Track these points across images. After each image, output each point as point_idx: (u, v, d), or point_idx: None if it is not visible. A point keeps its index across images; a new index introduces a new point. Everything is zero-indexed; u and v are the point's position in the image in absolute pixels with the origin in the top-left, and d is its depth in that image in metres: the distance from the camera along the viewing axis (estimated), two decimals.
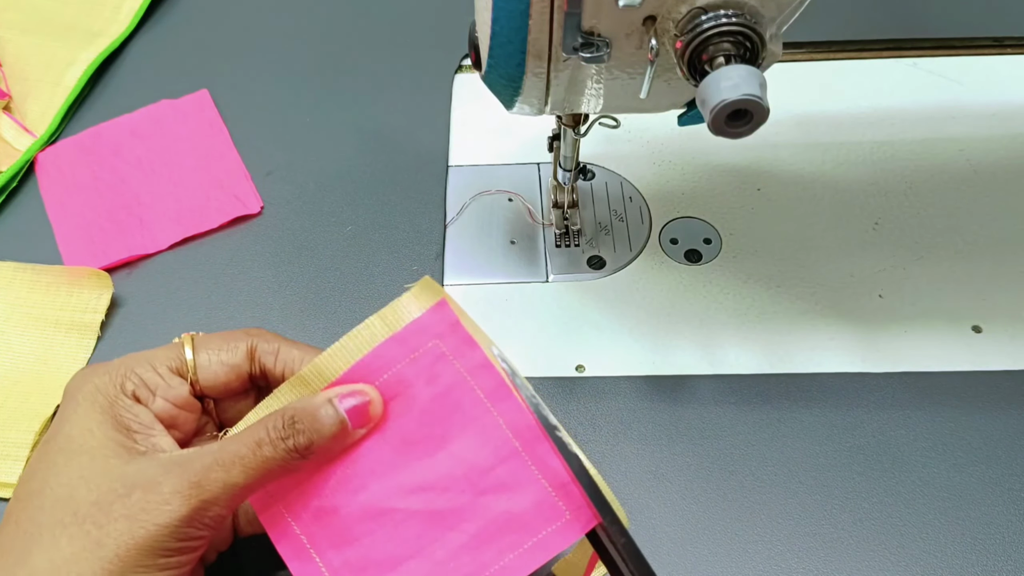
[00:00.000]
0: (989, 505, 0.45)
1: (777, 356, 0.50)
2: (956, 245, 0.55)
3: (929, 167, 0.59)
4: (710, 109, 0.34)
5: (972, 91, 0.63)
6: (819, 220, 0.56)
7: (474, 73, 0.50)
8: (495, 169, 0.59)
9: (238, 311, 0.53)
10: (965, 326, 0.51)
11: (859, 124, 0.61)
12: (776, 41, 0.38)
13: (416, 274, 0.54)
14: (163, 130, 0.61)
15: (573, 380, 0.50)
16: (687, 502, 0.45)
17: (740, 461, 0.47)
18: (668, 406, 0.48)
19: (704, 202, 0.57)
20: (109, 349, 0.51)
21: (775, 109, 0.36)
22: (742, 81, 0.34)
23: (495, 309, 0.52)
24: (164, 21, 0.69)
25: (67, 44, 0.65)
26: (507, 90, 0.42)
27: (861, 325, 0.51)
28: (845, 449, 0.47)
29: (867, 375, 0.49)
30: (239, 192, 0.58)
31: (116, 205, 0.57)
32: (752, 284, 0.53)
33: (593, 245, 0.55)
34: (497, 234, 0.56)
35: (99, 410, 0.37)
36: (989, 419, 0.48)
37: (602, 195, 0.57)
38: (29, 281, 0.53)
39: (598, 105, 0.43)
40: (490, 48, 0.40)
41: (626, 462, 0.46)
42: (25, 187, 0.59)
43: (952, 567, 0.43)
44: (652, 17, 0.37)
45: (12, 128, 0.60)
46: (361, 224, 0.56)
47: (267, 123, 0.62)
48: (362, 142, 0.61)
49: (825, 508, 0.45)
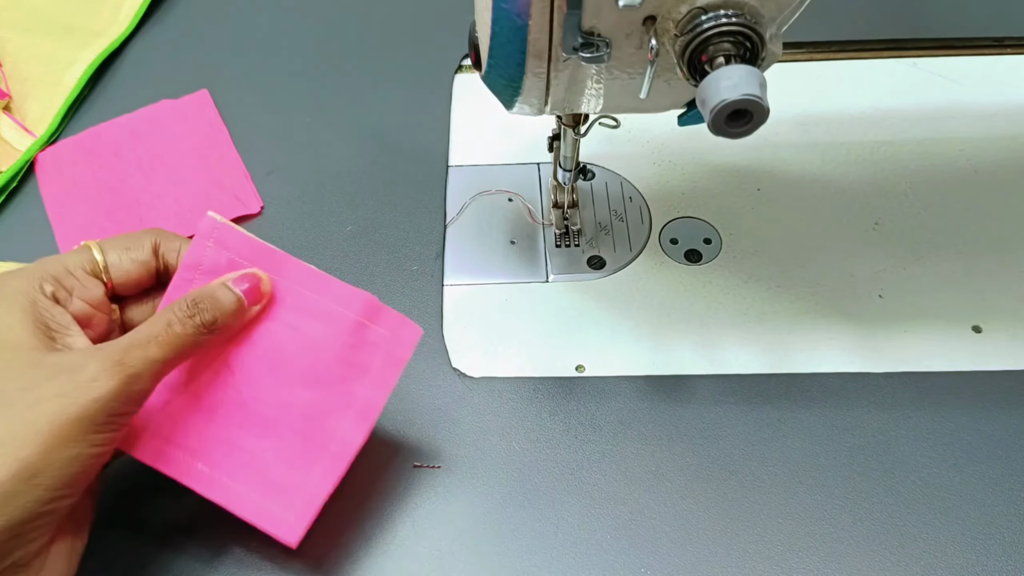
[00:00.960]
0: (989, 505, 0.45)
1: (777, 356, 0.50)
2: (956, 245, 0.55)
3: (929, 167, 0.59)
4: (710, 109, 0.34)
5: (972, 91, 0.63)
6: (819, 220, 0.56)
7: (474, 73, 0.50)
8: (495, 169, 0.59)
9: None
10: (965, 326, 0.51)
11: (859, 124, 0.61)
12: (776, 41, 0.38)
13: (416, 274, 0.54)
14: (163, 130, 0.61)
15: (573, 380, 0.50)
16: (687, 502, 0.45)
17: (740, 461, 0.47)
18: (668, 406, 0.48)
19: (704, 202, 0.57)
20: None
21: (775, 109, 0.36)
22: (742, 81, 0.34)
23: (495, 309, 0.52)
24: (164, 21, 0.69)
25: (67, 44, 0.65)
26: (507, 90, 0.42)
27: (861, 325, 0.51)
28: (845, 449, 0.47)
29: (867, 375, 0.49)
30: (239, 192, 0.58)
31: (116, 205, 0.57)
32: (752, 284, 0.53)
33: (593, 245, 0.55)
34: (497, 234, 0.56)
35: (19, 309, 0.38)
36: (989, 419, 0.48)
37: (602, 195, 0.57)
38: None
39: (598, 105, 0.43)
40: (490, 48, 0.40)
41: (626, 462, 0.46)
42: (25, 187, 0.59)
43: (952, 567, 0.43)
44: (652, 17, 0.37)
45: (12, 128, 0.60)
46: (361, 224, 0.56)
47: (267, 123, 0.62)
48: (362, 142, 0.61)
49: (825, 508, 0.45)
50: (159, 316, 0.39)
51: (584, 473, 0.46)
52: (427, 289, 0.53)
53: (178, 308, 0.40)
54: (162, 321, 0.39)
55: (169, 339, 0.38)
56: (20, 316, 0.38)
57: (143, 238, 0.43)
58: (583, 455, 0.47)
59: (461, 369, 0.50)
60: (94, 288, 0.41)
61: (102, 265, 0.41)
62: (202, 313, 0.40)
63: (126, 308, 0.43)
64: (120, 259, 0.42)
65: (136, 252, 0.42)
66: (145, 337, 0.38)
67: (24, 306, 0.38)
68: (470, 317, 0.52)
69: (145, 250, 0.42)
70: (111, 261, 0.42)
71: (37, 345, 0.37)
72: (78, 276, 0.41)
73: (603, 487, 0.46)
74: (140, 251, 0.42)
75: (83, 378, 0.36)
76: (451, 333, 0.51)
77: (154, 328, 0.39)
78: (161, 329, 0.39)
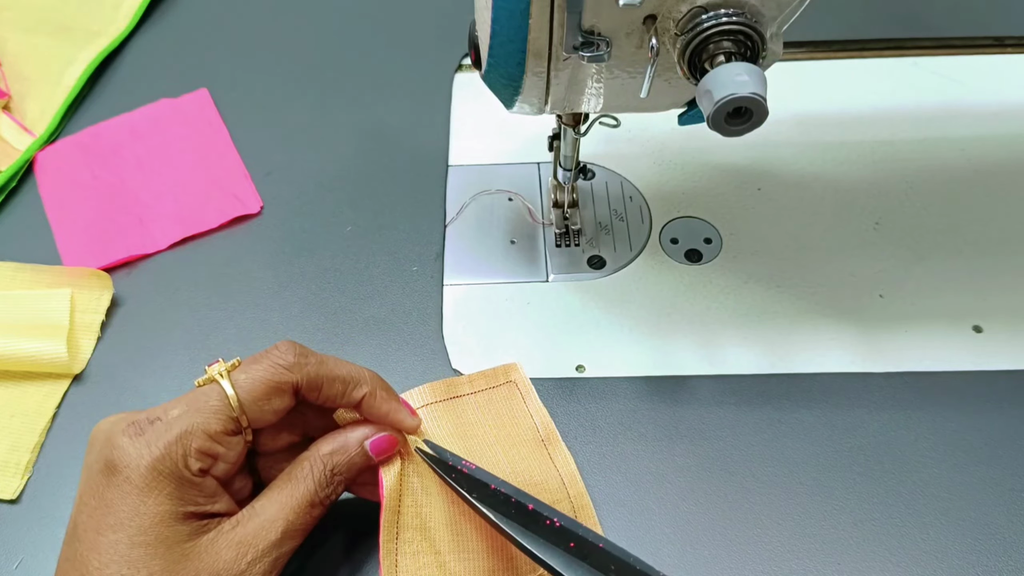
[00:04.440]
0: (989, 505, 0.45)
1: (777, 356, 0.50)
2: (956, 245, 0.55)
3: (929, 167, 0.59)
4: (713, 103, 0.34)
5: (973, 91, 0.63)
6: (819, 220, 0.56)
7: (474, 72, 0.50)
8: (495, 169, 0.59)
9: (238, 311, 0.52)
10: (966, 326, 0.51)
11: (859, 124, 0.61)
12: (777, 40, 0.38)
13: (416, 274, 0.54)
14: (163, 129, 0.61)
15: (573, 380, 0.49)
16: (687, 502, 0.45)
17: (740, 461, 0.46)
18: (668, 406, 0.48)
19: (704, 202, 0.57)
20: (109, 349, 0.51)
21: (775, 108, 0.36)
22: (749, 79, 0.34)
23: (495, 309, 0.52)
24: (164, 21, 0.69)
25: (66, 43, 0.65)
26: (507, 89, 0.42)
27: (861, 325, 0.51)
28: (845, 449, 0.47)
29: (867, 375, 0.49)
30: (239, 192, 0.58)
31: (116, 205, 0.57)
32: (752, 284, 0.53)
33: (593, 245, 0.55)
34: (497, 234, 0.56)
35: (167, 497, 0.36)
36: (990, 419, 0.48)
37: (602, 195, 0.57)
38: (29, 281, 0.53)
39: (598, 104, 0.43)
40: (490, 47, 0.40)
41: (626, 462, 0.46)
42: (24, 187, 0.59)
43: (952, 567, 0.43)
44: (652, 16, 0.37)
45: (11, 127, 0.60)
46: (361, 224, 0.56)
47: (267, 123, 0.62)
48: (362, 142, 0.61)
49: (825, 508, 0.45)
50: (297, 492, 0.39)
51: (584, 474, 0.46)
52: (427, 289, 0.53)
53: (316, 483, 0.39)
54: (303, 502, 0.38)
55: (300, 527, 0.38)
56: (169, 506, 0.36)
57: (282, 377, 0.39)
58: (583, 455, 0.46)
59: (461, 369, 0.50)
60: (236, 447, 0.39)
61: (235, 404, 0.38)
62: (336, 487, 0.40)
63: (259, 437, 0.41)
64: (262, 411, 0.39)
65: (279, 401, 0.39)
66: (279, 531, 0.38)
67: (171, 492, 0.36)
68: (470, 317, 0.52)
69: (286, 397, 0.39)
70: (251, 412, 0.38)
71: (184, 536, 0.36)
72: (220, 440, 0.38)
73: (603, 487, 0.45)
74: (282, 399, 0.39)
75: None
76: (451, 333, 0.51)
77: (289, 513, 0.38)
78: (297, 517, 0.38)
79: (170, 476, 0.36)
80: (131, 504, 0.35)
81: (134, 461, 0.36)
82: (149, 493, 0.36)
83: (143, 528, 0.35)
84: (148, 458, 0.36)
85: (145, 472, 0.36)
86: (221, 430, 0.37)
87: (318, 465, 0.39)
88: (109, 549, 0.35)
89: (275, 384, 0.38)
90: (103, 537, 0.35)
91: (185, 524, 0.36)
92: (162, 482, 0.36)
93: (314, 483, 0.39)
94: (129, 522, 0.35)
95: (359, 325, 0.52)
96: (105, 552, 0.35)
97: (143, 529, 0.35)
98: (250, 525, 0.37)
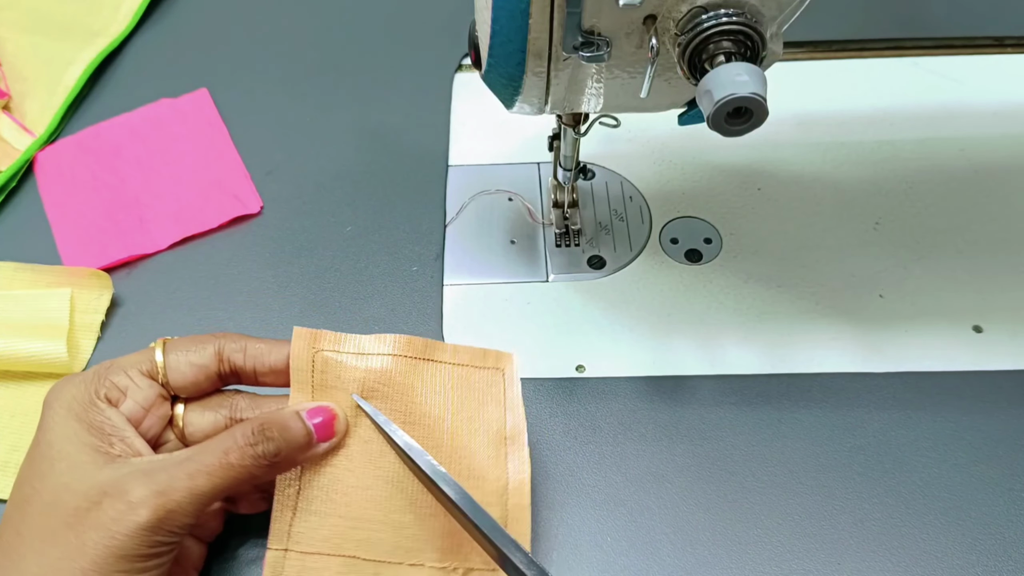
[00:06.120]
0: (989, 505, 0.45)
1: (777, 356, 0.50)
2: (956, 245, 0.55)
3: (929, 167, 0.59)
4: (713, 103, 0.34)
5: (973, 91, 0.63)
6: (819, 220, 0.56)
7: (474, 72, 0.50)
8: (495, 169, 0.59)
9: (238, 311, 0.52)
10: (966, 326, 0.51)
11: (859, 124, 0.61)
12: (777, 40, 0.38)
13: (416, 274, 0.54)
14: (163, 129, 0.61)
15: (573, 380, 0.49)
16: (687, 503, 0.45)
17: (740, 462, 0.46)
18: (668, 406, 0.48)
19: (704, 202, 0.57)
20: (109, 349, 0.51)
21: (775, 109, 0.36)
22: (749, 79, 0.34)
23: (495, 309, 0.52)
24: (164, 20, 0.69)
25: (66, 43, 0.65)
26: (507, 89, 0.42)
27: (861, 325, 0.51)
28: (846, 449, 0.47)
29: (868, 375, 0.49)
30: (239, 192, 0.58)
31: (116, 205, 0.57)
32: (752, 284, 0.53)
33: (593, 245, 0.55)
34: (497, 234, 0.56)
35: (75, 417, 0.38)
36: (990, 419, 0.48)
37: (602, 195, 0.57)
38: (29, 281, 0.53)
39: (598, 104, 0.43)
40: (490, 47, 0.40)
41: (626, 462, 0.46)
42: (24, 187, 0.59)
43: (952, 567, 0.43)
44: (652, 16, 0.37)
45: (11, 127, 0.60)
46: (361, 224, 0.56)
47: (267, 123, 0.62)
48: (362, 142, 0.61)
49: (825, 509, 0.45)
50: (221, 438, 0.38)
51: (584, 474, 0.46)
52: (427, 289, 0.53)
53: (241, 434, 0.38)
54: (219, 448, 0.38)
55: (221, 470, 0.37)
56: (76, 426, 0.38)
57: (207, 341, 0.42)
58: (583, 455, 0.47)
59: None
60: (147, 389, 0.40)
61: (160, 367, 0.41)
62: (266, 443, 0.38)
63: (188, 410, 0.42)
64: (179, 360, 0.41)
65: (195, 355, 0.41)
66: (196, 466, 0.37)
67: (79, 413, 0.38)
68: (470, 317, 0.52)
69: (206, 353, 0.41)
70: (170, 363, 0.41)
71: (93, 456, 0.37)
72: (132, 377, 0.40)
73: (603, 488, 0.46)
74: (200, 354, 0.41)
75: (123, 507, 0.36)
76: (451, 333, 0.51)
77: (207, 456, 0.37)
78: (215, 459, 0.37)
79: (80, 400, 0.39)
80: (45, 424, 0.39)
81: (56, 392, 0.40)
82: (59, 413, 0.39)
83: (51, 443, 0.38)
84: (67, 387, 0.40)
85: (64, 398, 0.39)
86: (136, 368, 0.41)
87: (244, 425, 0.39)
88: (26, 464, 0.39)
89: (196, 337, 0.42)
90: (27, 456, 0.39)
91: (93, 442, 0.38)
92: (73, 406, 0.39)
93: (234, 437, 0.38)
94: (40, 439, 0.39)
95: (359, 325, 0.52)
96: (24, 467, 0.39)
97: (51, 444, 0.38)
98: (159, 461, 0.38)
